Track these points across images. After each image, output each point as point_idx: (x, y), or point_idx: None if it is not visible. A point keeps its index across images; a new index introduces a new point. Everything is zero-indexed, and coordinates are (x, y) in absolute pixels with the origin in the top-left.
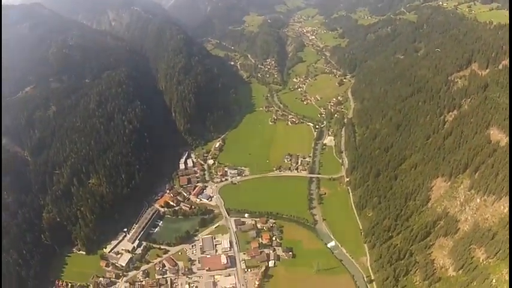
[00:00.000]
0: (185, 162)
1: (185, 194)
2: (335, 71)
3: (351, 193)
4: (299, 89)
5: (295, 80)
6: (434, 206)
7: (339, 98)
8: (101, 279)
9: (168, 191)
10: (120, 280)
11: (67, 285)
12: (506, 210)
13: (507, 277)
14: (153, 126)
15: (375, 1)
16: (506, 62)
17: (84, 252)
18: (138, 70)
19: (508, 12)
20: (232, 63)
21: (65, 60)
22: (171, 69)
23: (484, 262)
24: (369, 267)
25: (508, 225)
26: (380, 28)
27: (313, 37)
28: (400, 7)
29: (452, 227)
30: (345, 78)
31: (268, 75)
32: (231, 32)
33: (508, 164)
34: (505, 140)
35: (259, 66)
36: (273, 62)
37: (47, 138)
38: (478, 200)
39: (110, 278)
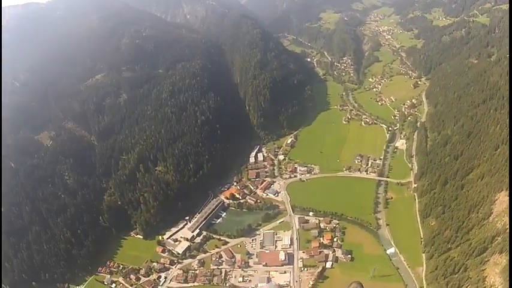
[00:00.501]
0: (255, 156)
1: (252, 188)
2: (410, 72)
3: (416, 200)
4: (374, 89)
5: (370, 79)
6: (495, 221)
7: (413, 100)
8: (155, 264)
9: (235, 183)
10: (173, 267)
11: (118, 266)
12: None
13: None
14: (225, 118)
15: (449, 1)
16: None
17: (141, 237)
18: (213, 63)
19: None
20: (308, 59)
21: (138, 50)
22: (246, 63)
23: None
24: (423, 278)
25: None
26: (454, 30)
27: (389, 37)
28: (473, 9)
29: (507, 244)
30: (420, 81)
31: (344, 74)
32: (308, 29)
33: None
34: None
35: (335, 64)
36: (349, 61)
37: (116, 124)
38: None
39: (164, 263)
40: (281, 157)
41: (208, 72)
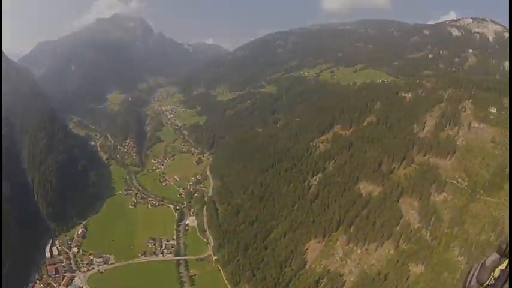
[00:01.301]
0: (50, 250)
1: (55, 285)
2: (193, 149)
3: (222, 270)
4: (157, 170)
5: (153, 160)
6: (313, 267)
7: (198, 176)
8: None
9: (37, 282)
10: None
11: None
12: (392, 251)
13: None
14: (16, 210)
15: (236, 76)
16: (370, 118)
17: None
18: (3, 148)
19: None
20: (92, 143)
21: None
22: (33, 148)
23: None
24: None
25: (395, 265)
26: (239, 103)
27: (172, 116)
28: (260, 80)
29: (337, 281)
30: (203, 156)
31: (127, 157)
32: (93, 110)
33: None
34: (377, 190)
35: (118, 147)
36: (132, 143)
37: None
38: (359, 251)
39: None
40: (75, 249)
41: None
